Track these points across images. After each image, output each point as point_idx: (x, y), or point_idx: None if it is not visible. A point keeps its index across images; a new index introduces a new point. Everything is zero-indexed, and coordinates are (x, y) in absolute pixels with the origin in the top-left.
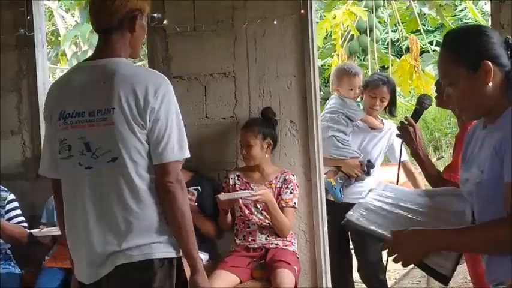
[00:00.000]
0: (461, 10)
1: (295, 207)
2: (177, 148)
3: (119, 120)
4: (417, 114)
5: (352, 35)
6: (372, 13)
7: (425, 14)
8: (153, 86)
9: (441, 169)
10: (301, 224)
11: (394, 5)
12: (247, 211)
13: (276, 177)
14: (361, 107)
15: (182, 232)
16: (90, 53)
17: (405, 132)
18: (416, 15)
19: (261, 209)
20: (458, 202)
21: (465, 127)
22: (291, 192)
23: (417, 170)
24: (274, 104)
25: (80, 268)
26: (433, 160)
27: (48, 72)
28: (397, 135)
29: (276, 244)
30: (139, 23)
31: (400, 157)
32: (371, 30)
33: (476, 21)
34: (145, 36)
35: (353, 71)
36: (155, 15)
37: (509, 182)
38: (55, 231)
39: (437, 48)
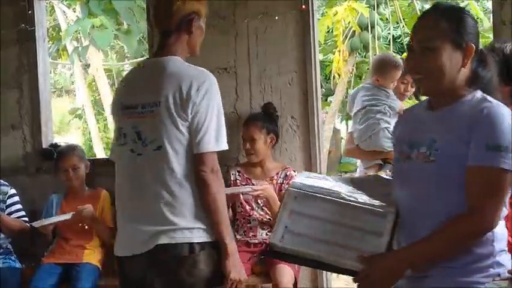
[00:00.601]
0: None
1: None
2: (214, 140)
3: (164, 113)
4: None
5: (354, 31)
6: (374, 10)
7: None
8: (197, 82)
9: None
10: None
11: (396, 2)
12: (248, 207)
13: (278, 173)
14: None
15: (214, 218)
16: (91, 49)
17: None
18: (418, 12)
19: (262, 204)
20: (384, 186)
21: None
22: None
23: None
24: (275, 100)
25: (121, 243)
26: None
27: (50, 68)
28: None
29: None
30: (196, 25)
31: None
32: (372, 27)
33: (478, 18)
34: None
35: (398, 64)
36: None
37: (477, 164)
38: (54, 219)
39: None
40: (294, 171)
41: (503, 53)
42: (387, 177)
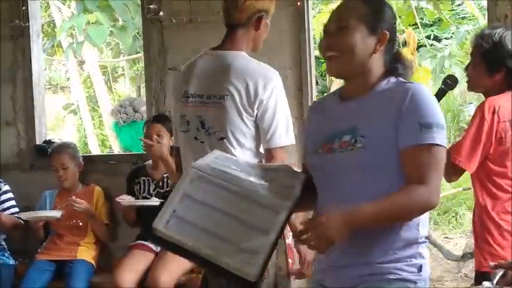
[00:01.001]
0: (459, 4)
1: None
2: (283, 136)
3: (230, 107)
4: (441, 93)
5: None
6: None
7: (422, 8)
8: (263, 80)
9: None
10: (296, 218)
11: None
12: None
13: None
14: None
15: None
16: (86, 45)
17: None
18: (414, 9)
19: None
20: (288, 178)
21: (482, 103)
22: None
23: None
24: None
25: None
26: None
27: (45, 64)
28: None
29: None
30: (263, 22)
31: None
32: None
33: (473, 15)
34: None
35: None
36: (151, 6)
37: (414, 144)
38: (43, 214)
39: (435, 43)
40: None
41: (493, 40)
42: (296, 169)
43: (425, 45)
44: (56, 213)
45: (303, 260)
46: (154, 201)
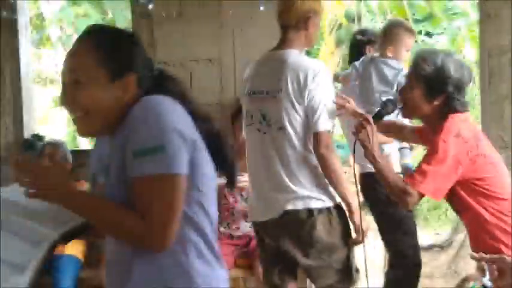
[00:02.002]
0: (451, 0)
1: None
2: (325, 121)
3: (285, 98)
4: (378, 115)
5: (340, 23)
6: (361, 1)
7: (414, 4)
8: (312, 72)
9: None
10: None
11: None
12: (231, 199)
13: None
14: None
15: (335, 184)
16: (75, 37)
17: (362, 130)
18: (405, 4)
19: (245, 196)
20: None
21: (441, 129)
22: None
23: None
24: None
25: (256, 210)
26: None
27: (34, 57)
28: (353, 133)
29: None
30: (312, 22)
31: (354, 152)
32: (359, 19)
33: (465, 11)
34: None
35: (413, 29)
36: (140, 0)
37: (132, 176)
38: None
39: (426, 38)
40: None
41: (435, 64)
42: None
43: (416, 41)
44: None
45: (357, 228)
46: None
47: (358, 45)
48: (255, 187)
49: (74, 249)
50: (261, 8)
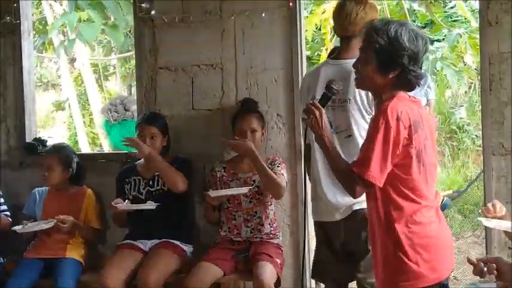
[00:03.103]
0: (451, 7)
1: (285, 180)
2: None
3: (354, 108)
4: (324, 98)
5: None
6: None
7: (415, 10)
8: None
9: None
10: (286, 218)
11: (384, 1)
12: (236, 201)
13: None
14: None
15: None
16: (77, 42)
17: (310, 116)
18: (406, 11)
19: (250, 197)
20: None
21: (383, 109)
22: (278, 166)
23: None
24: (261, 97)
25: (321, 212)
26: None
27: (36, 61)
28: (302, 119)
29: (260, 238)
30: None
31: (305, 139)
32: None
33: (465, 18)
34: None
35: None
36: (143, 5)
37: None
38: (35, 227)
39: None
40: (278, 157)
41: (388, 36)
42: None
43: None
44: (48, 225)
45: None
46: (149, 205)
47: None
48: (322, 190)
49: (75, 252)
50: (263, 15)
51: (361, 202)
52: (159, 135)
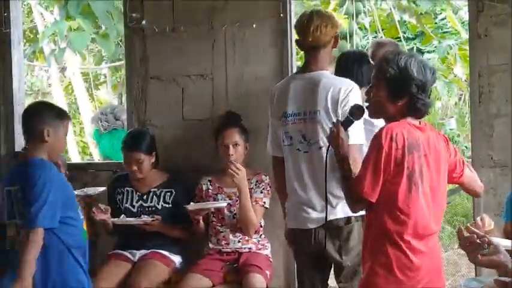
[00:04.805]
0: (442, 19)
1: (266, 207)
2: (356, 135)
3: (323, 119)
4: (347, 122)
5: None
6: (353, 19)
7: (405, 22)
8: (344, 89)
9: None
10: (276, 229)
11: (375, 12)
12: (220, 215)
13: (249, 179)
14: None
15: None
16: (68, 51)
17: (334, 136)
18: (397, 22)
19: (234, 212)
20: None
21: (380, 130)
22: (261, 192)
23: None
24: (252, 107)
25: (297, 219)
26: None
27: (26, 70)
28: (327, 138)
29: (249, 248)
30: (336, 40)
31: (326, 158)
32: (351, 36)
33: (455, 30)
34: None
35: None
36: (133, 15)
37: None
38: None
39: None
40: (265, 176)
41: (398, 65)
42: None
43: None
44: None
45: None
46: (146, 218)
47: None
48: (298, 200)
49: None
50: (254, 26)
51: (335, 213)
52: (145, 158)
